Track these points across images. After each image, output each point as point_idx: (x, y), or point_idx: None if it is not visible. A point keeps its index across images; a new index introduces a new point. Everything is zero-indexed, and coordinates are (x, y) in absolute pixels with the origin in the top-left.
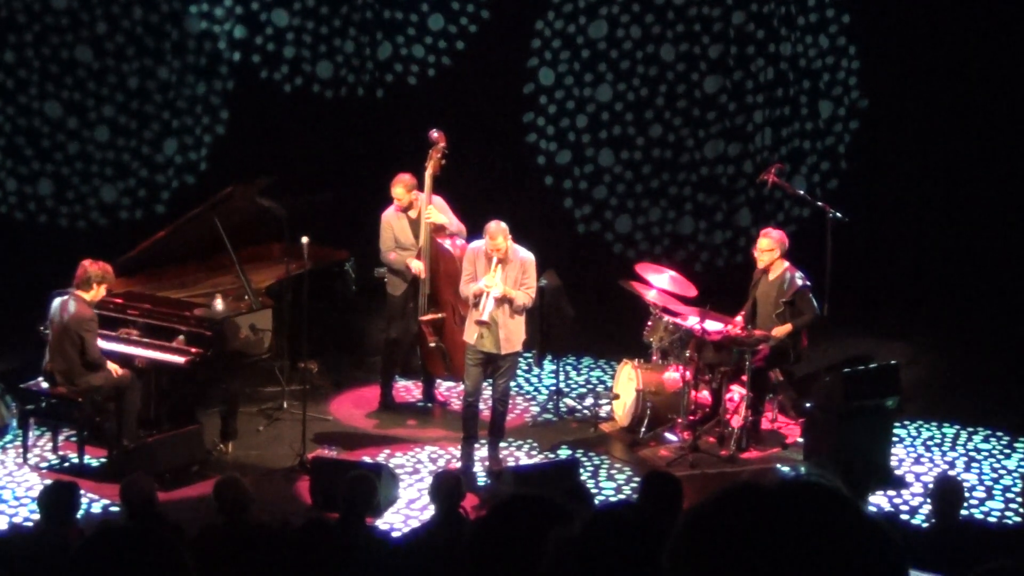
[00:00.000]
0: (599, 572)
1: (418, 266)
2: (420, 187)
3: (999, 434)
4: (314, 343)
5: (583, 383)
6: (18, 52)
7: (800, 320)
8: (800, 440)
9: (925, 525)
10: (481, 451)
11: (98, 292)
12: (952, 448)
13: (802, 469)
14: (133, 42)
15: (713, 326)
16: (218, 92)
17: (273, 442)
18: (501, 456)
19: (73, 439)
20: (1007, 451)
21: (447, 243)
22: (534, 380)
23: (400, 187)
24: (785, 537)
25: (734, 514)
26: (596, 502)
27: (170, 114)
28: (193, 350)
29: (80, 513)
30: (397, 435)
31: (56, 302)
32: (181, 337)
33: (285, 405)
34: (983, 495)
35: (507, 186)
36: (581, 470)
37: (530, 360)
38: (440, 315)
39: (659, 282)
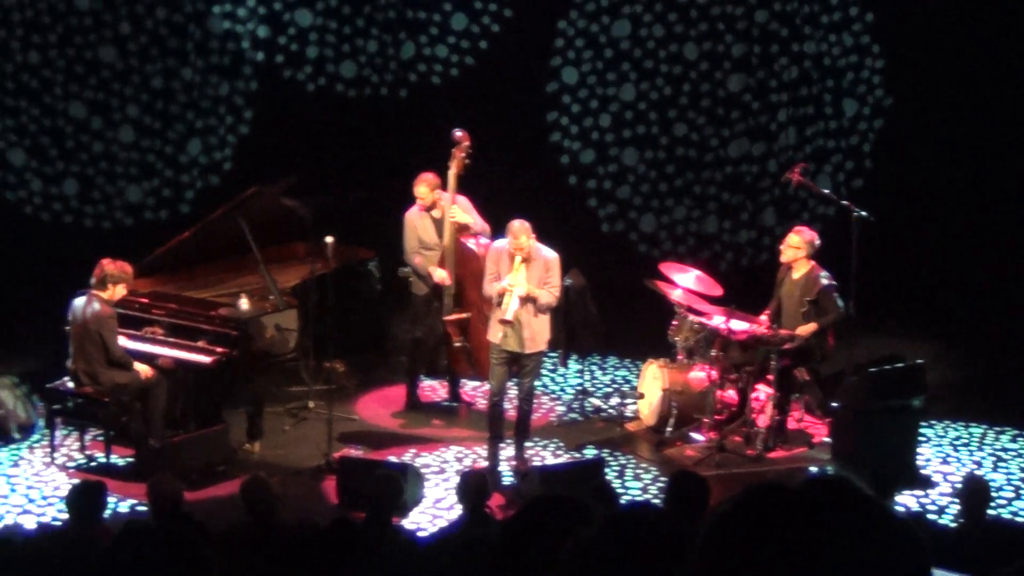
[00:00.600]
0: (616, 573)
1: (441, 275)
2: (443, 186)
3: None
4: (339, 343)
5: (608, 382)
6: (42, 53)
7: (825, 319)
8: (827, 440)
9: (952, 525)
10: (507, 451)
11: (115, 291)
12: (979, 448)
13: (828, 469)
14: (157, 42)
15: (739, 325)
16: (242, 92)
17: (299, 442)
18: (527, 456)
19: (100, 439)
20: None
21: (471, 242)
22: (559, 380)
23: (423, 186)
24: (810, 536)
25: (759, 514)
26: (621, 502)
27: (194, 114)
28: (219, 350)
29: (107, 513)
30: (423, 435)
31: (75, 302)
32: (203, 340)
33: (311, 405)
34: (1011, 495)
35: (531, 185)
36: (607, 470)
37: (555, 360)
38: (465, 315)
39: (684, 281)
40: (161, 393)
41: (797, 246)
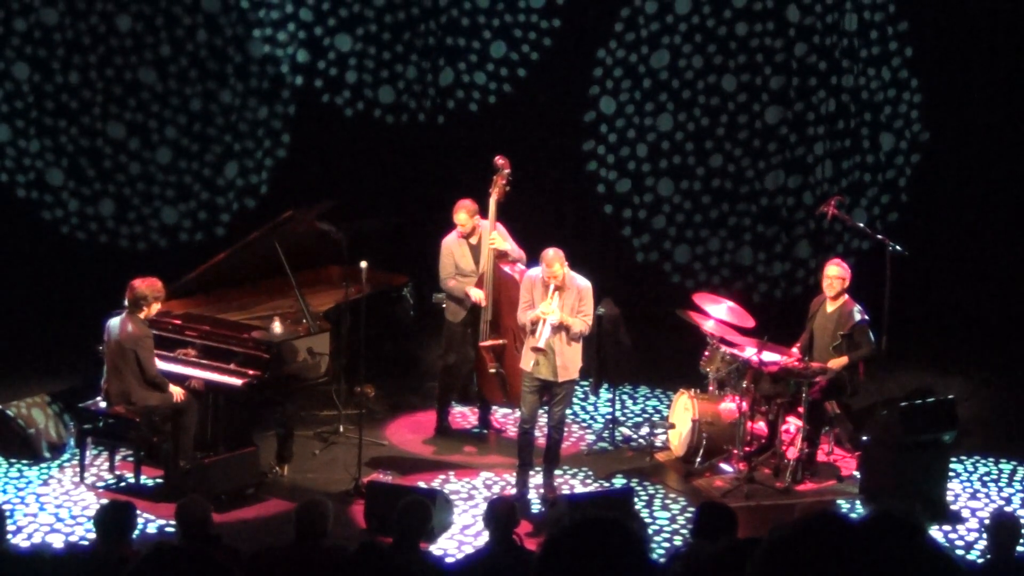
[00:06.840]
0: None
1: (478, 294)
2: (482, 213)
3: None
4: (371, 368)
5: (639, 412)
6: (82, 73)
7: (857, 353)
8: (856, 473)
9: (980, 561)
10: (536, 478)
11: (150, 310)
12: (1009, 484)
13: (858, 504)
14: (196, 65)
15: (770, 357)
16: (280, 116)
17: (328, 466)
18: (556, 484)
19: (130, 459)
20: None
21: (508, 269)
22: (590, 408)
23: (464, 213)
24: (863, 567)
25: (816, 541)
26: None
27: (232, 137)
28: (250, 372)
29: (135, 533)
30: (452, 461)
31: (110, 322)
32: (235, 362)
33: (341, 429)
34: None
35: (566, 214)
36: (636, 499)
37: (586, 388)
38: (501, 341)
39: (717, 312)
40: (192, 415)
41: (840, 276)
